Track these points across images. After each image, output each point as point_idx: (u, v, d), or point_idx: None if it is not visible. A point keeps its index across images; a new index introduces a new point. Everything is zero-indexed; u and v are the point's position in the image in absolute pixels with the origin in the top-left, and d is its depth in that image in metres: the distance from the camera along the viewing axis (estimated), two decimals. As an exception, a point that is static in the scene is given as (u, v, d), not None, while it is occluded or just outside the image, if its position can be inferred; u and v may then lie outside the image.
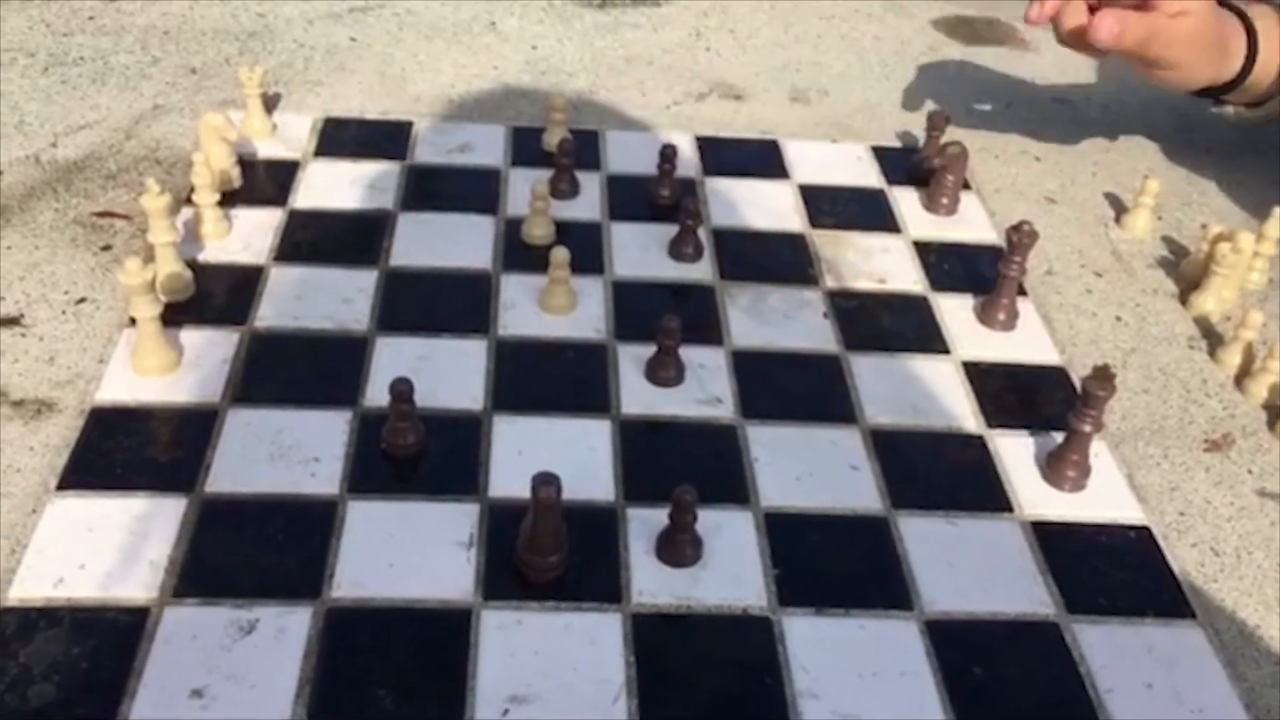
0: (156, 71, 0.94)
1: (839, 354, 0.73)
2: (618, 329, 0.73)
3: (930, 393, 0.71)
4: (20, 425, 0.63)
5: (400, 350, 0.69)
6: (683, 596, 0.57)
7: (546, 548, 0.57)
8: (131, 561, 0.56)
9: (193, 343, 0.68)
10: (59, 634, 0.53)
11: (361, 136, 0.88)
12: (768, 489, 0.63)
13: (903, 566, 0.60)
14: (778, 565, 0.59)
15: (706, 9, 1.12)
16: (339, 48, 1.00)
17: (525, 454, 0.64)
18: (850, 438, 0.67)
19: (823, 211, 0.86)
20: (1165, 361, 0.76)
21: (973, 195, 0.89)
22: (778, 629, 0.56)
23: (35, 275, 0.73)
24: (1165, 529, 0.64)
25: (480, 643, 0.54)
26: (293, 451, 0.62)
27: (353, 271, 0.75)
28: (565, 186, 0.83)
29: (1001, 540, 0.62)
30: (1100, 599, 0.59)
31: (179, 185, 0.81)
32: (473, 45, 1.02)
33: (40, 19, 1.00)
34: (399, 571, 0.57)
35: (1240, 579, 0.61)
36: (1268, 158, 0.98)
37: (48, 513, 0.58)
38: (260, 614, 0.54)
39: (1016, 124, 0.99)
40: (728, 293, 0.77)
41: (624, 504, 0.61)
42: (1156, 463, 0.68)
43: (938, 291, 0.79)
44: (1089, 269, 0.84)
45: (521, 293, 0.75)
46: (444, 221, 0.80)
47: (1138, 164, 0.96)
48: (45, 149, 0.84)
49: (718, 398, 0.69)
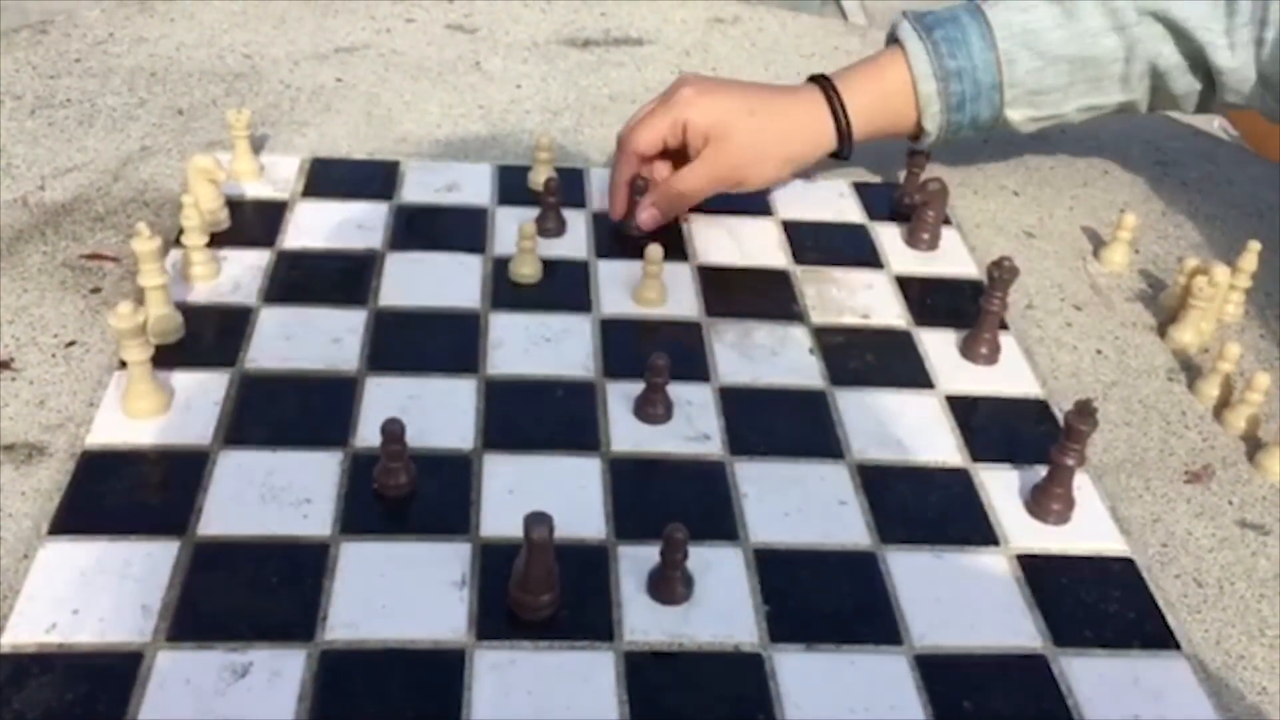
0: (143, 113, 0.95)
1: (825, 389, 0.74)
2: (606, 366, 0.73)
3: (915, 427, 0.71)
4: (11, 469, 0.63)
5: (390, 390, 0.70)
6: (674, 634, 0.58)
7: (539, 587, 0.57)
8: (124, 606, 0.56)
9: (183, 385, 0.69)
10: (52, 680, 0.53)
11: (349, 176, 0.89)
12: (757, 525, 0.64)
13: (892, 601, 0.60)
14: (768, 601, 0.60)
15: (689, 48, 1.14)
16: (325, 88, 1.01)
17: (516, 493, 0.64)
18: (838, 473, 0.68)
19: (806, 247, 0.87)
20: (1145, 394, 0.77)
21: (953, 230, 0.90)
22: (769, 665, 0.57)
23: (24, 318, 0.73)
24: (1148, 560, 0.65)
25: (474, 683, 0.54)
26: (284, 493, 0.63)
27: (342, 311, 0.75)
28: (552, 225, 0.84)
29: (988, 574, 0.63)
30: (1086, 631, 0.60)
31: (167, 227, 0.81)
32: (458, 85, 1.04)
33: (27, 61, 1.00)
34: (392, 612, 0.57)
35: (1224, 610, 0.62)
36: (1242, 190, 1.00)
37: (40, 558, 0.58)
38: (254, 657, 0.54)
39: (994, 159, 1.00)
40: (714, 329, 0.78)
41: (615, 542, 0.62)
42: (1139, 494, 0.69)
43: (920, 326, 0.80)
44: (1068, 302, 0.85)
45: (510, 331, 0.75)
46: (432, 261, 0.81)
47: (1114, 198, 0.97)
48: (33, 191, 0.84)
49: (706, 434, 0.69)
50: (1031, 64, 0.85)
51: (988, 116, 0.88)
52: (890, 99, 0.87)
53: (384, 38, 1.10)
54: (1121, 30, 0.83)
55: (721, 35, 1.17)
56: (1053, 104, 0.87)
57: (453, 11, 1.16)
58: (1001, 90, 0.86)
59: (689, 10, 1.21)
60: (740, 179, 0.85)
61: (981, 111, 0.87)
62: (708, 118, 0.82)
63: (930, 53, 0.85)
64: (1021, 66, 0.85)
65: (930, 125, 0.87)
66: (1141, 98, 0.88)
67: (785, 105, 0.86)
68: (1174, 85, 0.85)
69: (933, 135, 0.88)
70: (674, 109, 0.82)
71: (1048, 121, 0.89)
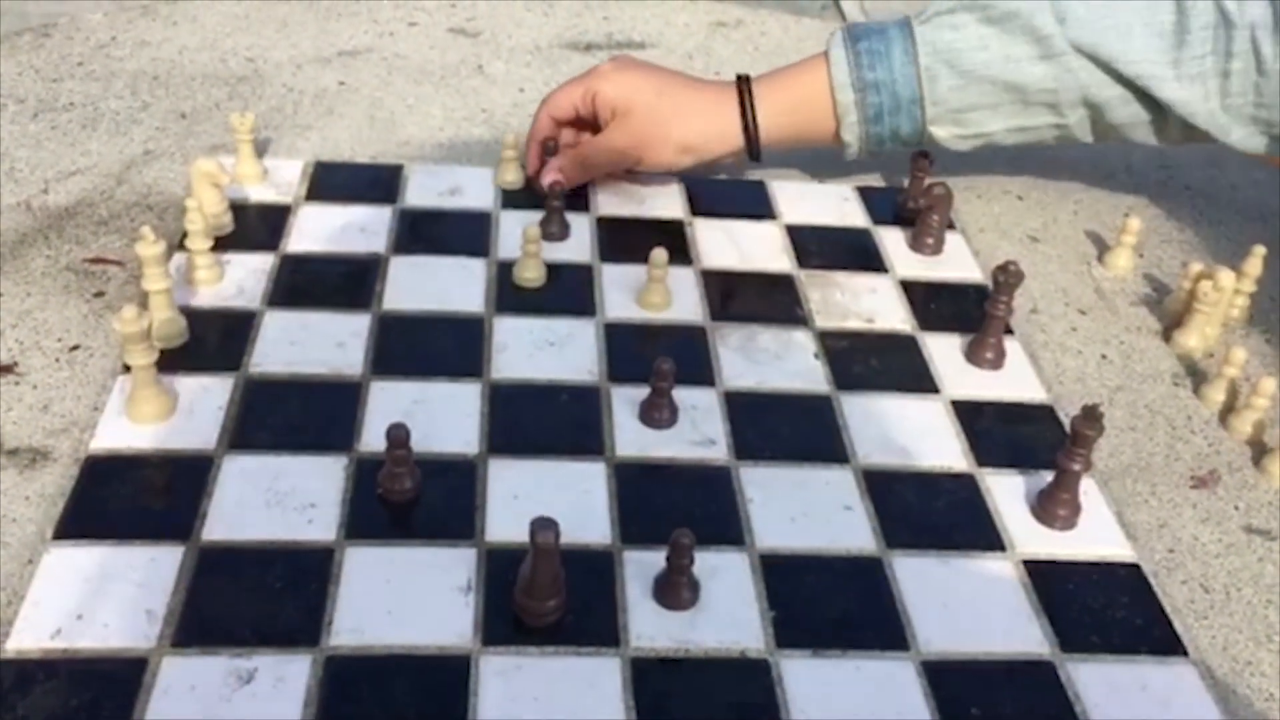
0: (147, 117, 0.95)
1: (830, 394, 0.74)
2: (610, 370, 0.73)
3: (921, 432, 0.71)
4: (15, 474, 0.63)
5: (394, 394, 0.70)
6: (681, 640, 0.58)
7: (545, 592, 0.57)
8: (129, 611, 0.56)
9: (187, 389, 0.68)
10: (57, 686, 0.53)
11: (352, 180, 0.89)
12: (762, 530, 0.64)
13: (898, 607, 0.60)
14: (774, 607, 0.59)
15: (691, 51, 1.14)
16: (328, 92, 1.01)
17: (521, 498, 0.64)
18: (843, 478, 0.67)
19: (810, 252, 0.87)
20: (1151, 399, 0.77)
21: (957, 235, 0.90)
22: (776, 671, 0.56)
23: (28, 322, 0.73)
24: (1155, 566, 0.65)
25: (480, 689, 0.54)
26: (289, 498, 0.63)
27: (346, 316, 0.75)
28: (556, 229, 0.84)
29: (995, 579, 0.63)
30: (1094, 637, 0.60)
31: (171, 230, 0.81)
32: (461, 88, 1.03)
33: (29, 64, 1.00)
34: (397, 618, 0.57)
35: (1230, 615, 0.62)
36: (1246, 195, 1.00)
37: (44, 563, 0.58)
38: (259, 663, 0.54)
39: (998, 163, 1.00)
40: (719, 333, 0.78)
41: (620, 547, 0.62)
42: (1144, 500, 0.69)
43: (925, 331, 0.80)
44: (1073, 307, 0.85)
45: (514, 335, 0.75)
46: (436, 265, 0.81)
47: (1118, 202, 0.97)
48: (36, 195, 0.84)
49: (711, 439, 0.69)
50: (952, 81, 0.83)
51: (909, 131, 0.86)
52: (806, 105, 0.86)
53: (386, 41, 1.10)
54: (1050, 59, 0.81)
55: (724, 39, 1.17)
56: (978, 122, 0.85)
57: (455, 15, 1.16)
58: (923, 106, 0.84)
59: (691, 14, 1.21)
60: (638, 157, 0.87)
61: (902, 125, 0.85)
62: (617, 91, 0.85)
63: (851, 63, 0.84)
64: (943, 84, 0.83)
65: (849, 136, 0.86)
66: (1077, 125, 0.85)
67: (695, 96, 0.87)
68: (1113, 115, 0.83)
69: (853, 146, 0.87)
70: (589, 80, 0.86)
71: (976, 140, 0.87)
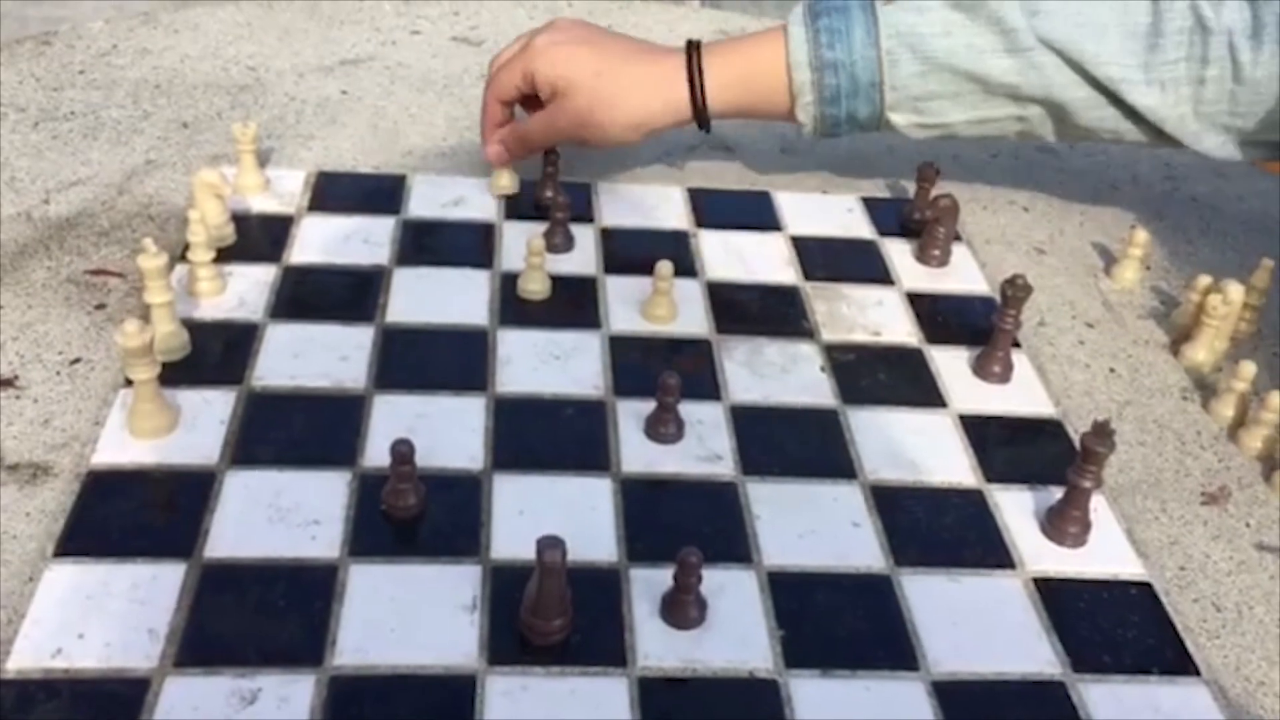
0: (148, 126, 0.94)
1: (836, 408, 0.73)
2: (616, 384, 0.73)
3: (929, 447, 0.71)
4: (15, 490, 0.62)
5: (398, 409, 0.69)
6: (688, 659, 0.57)
7: (551, 611, 0.56)
8: (131, 630, 0.55)
9: (189, 403, 0.68)
10: (58, 706, 0.52)
11: (355, 190, 0.88)
12: (770, 547, 0.63)
13: (907, 626, 0.60)
14: (783, 626, 0.59)
15: (695, 60, 1.13)
16: (330, 101, 1.00)
17: (526, 514, 0.63)
18: (851, 494, 0.67)
19: (816, 263, 0.86)
20: (1160, 413, 0.76)
21: (963, 246, 0.90)
22: (784, 691, 0.56)
23: (29, 335, 0.72)
24: (1166, 584, 0.64)
25: (485, 710, 0.54)
26: (292, 514, 0.62)
27: (349, 328, 0.75)
28: (560, 241, 0.84)
29: (1005, 597, 0.62)
30: (1105, 657, 0.59)
31: (173, 241, 0.80)
32: (464, 97, 1.03)
33: (30, 73, 1.00)
34: (402, 637, 0.56)
35: (1242, 634, 0.62)
36: (1252, 206, 1.00)
37: (45, 581, 0.57)
38: (262, 683, 0.54)
39: (1004, 174, 1.00)
40: (724, 346, 0.77)
41: (627, 564, 0.61)
42: (1155, 516, 0.68)
43: (932, 344, 0.79)
44: (1080, 320, 0.84)
45: (519, 348, 0.74)
46: (439, 276, 0.80)
47: (1125, 214, 0.97)
48: (37, 205, 0.84)
49: (718, 454, 0.69)
50: (914, 67, 0.80)
51: (867, 115, 0.83)
52: (759, 79, 0.83)
53: (389, 50, 1.09)
54: (1015, 53, 0.79)
55: (728, 48, 1.16)
56: (938, 112, 0.83)
57: (458, 23, 1.16)
58: (882, 90, 0.81)
59: (694, 22, 1.20)
60: (583, 137, 0.85)
61: (860, 109, 0.83)
62: (554, 71, 0.82)
63: (810, 40, 0.81)
64: (904, 69, 0.80)
65: (803, 116, 0.84)
66: (1040, 123, 0.83)
67: (638, 70, 0.84)
68: (1081, 118, 0.82)
69: (808, 126, 0.85)
70: (525, 58, 0.83)
71: (935, 131, 0.85)
